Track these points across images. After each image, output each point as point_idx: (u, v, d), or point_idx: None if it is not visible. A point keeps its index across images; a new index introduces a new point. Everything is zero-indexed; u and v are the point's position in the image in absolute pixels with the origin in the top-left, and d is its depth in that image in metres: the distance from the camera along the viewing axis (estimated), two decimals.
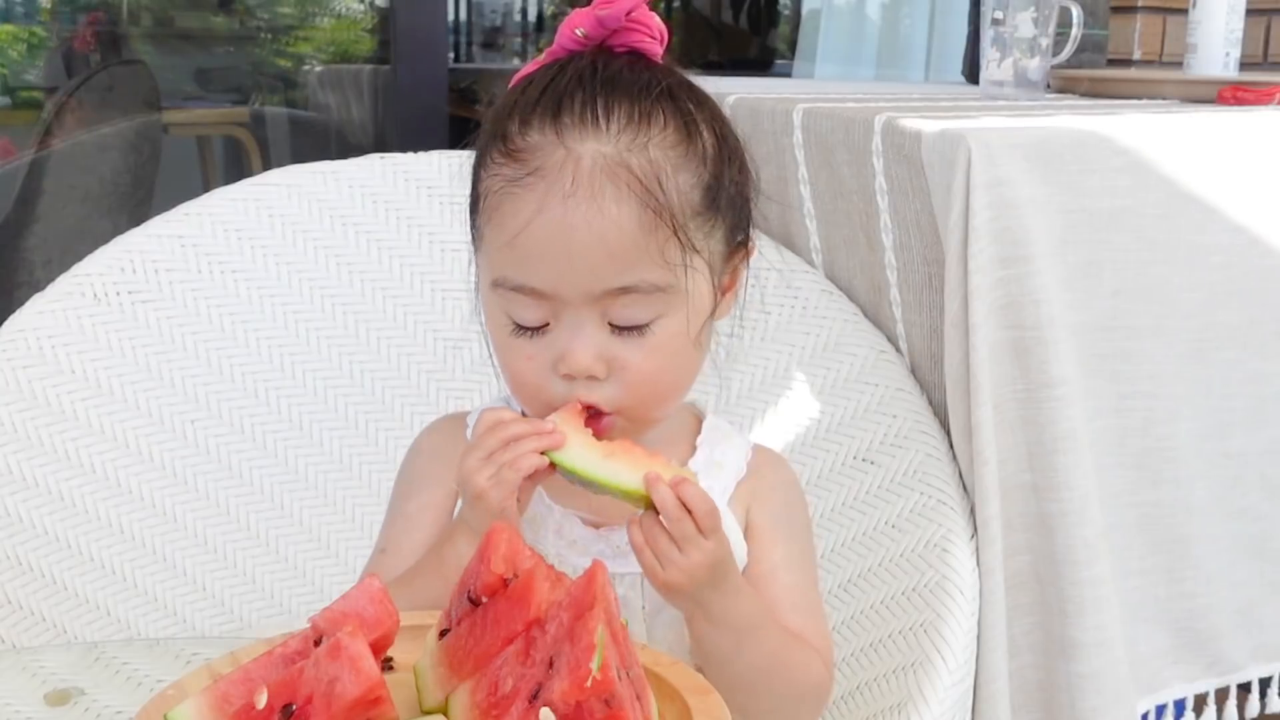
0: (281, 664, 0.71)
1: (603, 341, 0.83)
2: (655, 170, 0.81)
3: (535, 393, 0.85)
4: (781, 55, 4.04)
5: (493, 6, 4.81)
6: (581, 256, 0.80)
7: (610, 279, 0.81)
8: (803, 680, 0.89)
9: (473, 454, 0.83)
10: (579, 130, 0.81)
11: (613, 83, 0.83)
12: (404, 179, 1.38)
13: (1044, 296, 1.12)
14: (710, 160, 0.85)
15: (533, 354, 0.84)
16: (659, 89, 0.84)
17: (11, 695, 0.92)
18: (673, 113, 0.84)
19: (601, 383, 0.83)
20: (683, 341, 0.85)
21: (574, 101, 0.82)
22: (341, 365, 1.35)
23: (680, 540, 0.79)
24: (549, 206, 0.80)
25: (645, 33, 0.86)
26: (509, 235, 0.82)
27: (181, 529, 1.26)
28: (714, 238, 0.86)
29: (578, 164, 0.80)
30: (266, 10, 3.28)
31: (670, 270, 0.82)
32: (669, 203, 0.81)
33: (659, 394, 0.86)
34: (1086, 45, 1.91)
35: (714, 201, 0.85)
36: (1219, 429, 1.29)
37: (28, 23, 2.94)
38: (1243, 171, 1.26)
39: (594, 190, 0.80)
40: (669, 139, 0.83)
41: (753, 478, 0.94)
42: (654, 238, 0.81)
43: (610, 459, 0.82)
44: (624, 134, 0.81)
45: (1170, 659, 1.29)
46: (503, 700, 0.68)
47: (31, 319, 1.22)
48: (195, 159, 3.11)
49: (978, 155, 1.09)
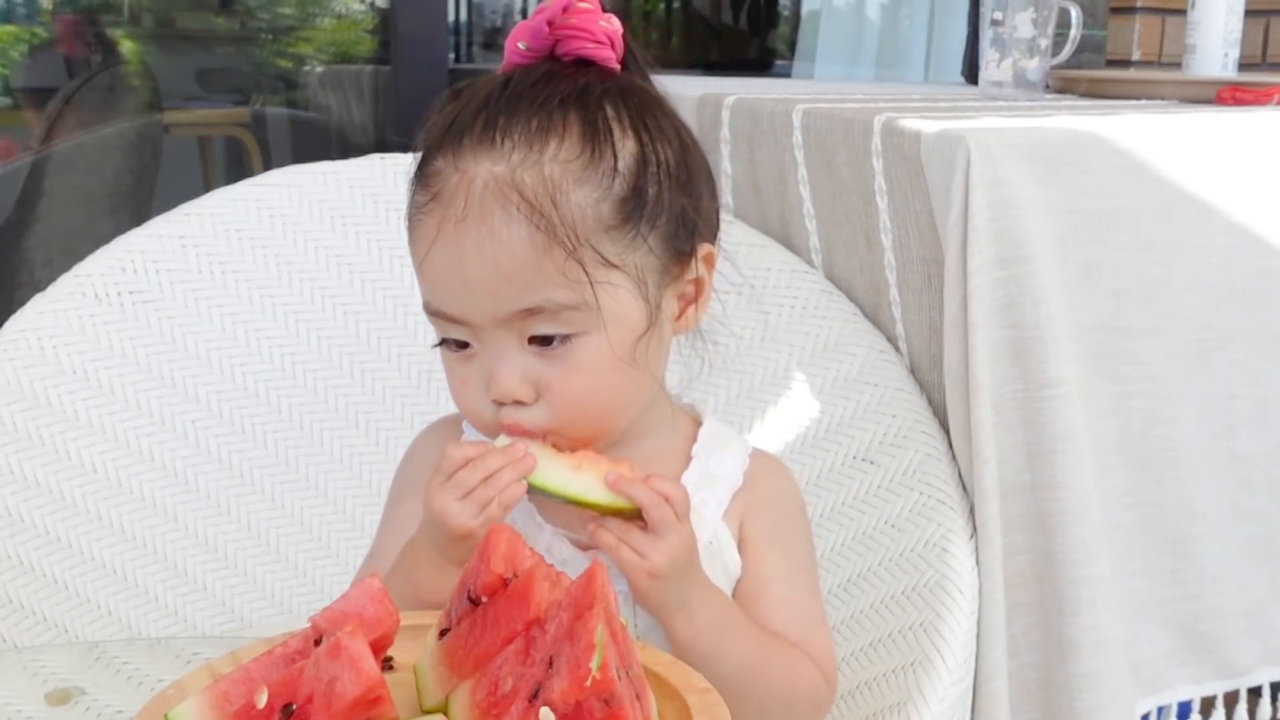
0: (282, 663, 0.71)
1: (525, 364, 0.81)
2: (549, 188, 0.78)
3: (476, 415, 0.85)
4: (781, 55, 4.03)
5: (493, 6, 4.81)
6: (478, 281, 0.79)
7: (511, 302, 0.79)
8: (790, 684, 0.87)
9: (448, 492, 0.81)
10: (474, 151, 0.80)
11: (519, 97, 0.81)
12: (404, 179, 1.36)
13: (1043, 297, 1.12)
14: (625, 171, 0.81)
15: (466, 377, 0.84)
16: (568, 96, 0.81)
17: (12, 695, 0.92)
18: (578, 123, 0.81)
19: (529, 406, 0.82)
20: (608, 360, 0.81)
21: (475, 122, 0.81)
22: (341, 365, 1.35)
23: (659, 525, 0.79)
24: (444, 232, 0.80)
25: (586, 38, 0.83)
26: (418, 260, 0.83)
27: (182, 529, 1.26)
28: (638, 250, 0.81)
29: (469, 187, 0.79)
30: (267, 11, 3.28)
31: (576, 289, 0.79)
32: (565, 219, 0.78)
33: (590, 415, 0.83)
34: (1085, 46, 1.91)
35: (632, 213, 0.81)
36: (1223, 430, 1.29)
37: (28, 23, 2.94)
38: (1242, 172, 1.27)
39: (483, 213, 0.78)
40: (568, 152, 0.80)
41: (749, 488, 0.91)
42: (549, 257, 0.78)
43: (579, 472, 0.81)
44: (517, 150, 0.79)
45: (1175, 660, 1.29)
46: (503, 700, 0.68)
47: (32, 319, 1.22)
48: (196, 159, 3.11)
49: (977, 156, 1.09)
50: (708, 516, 0.89)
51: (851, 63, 3.12)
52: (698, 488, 0.89)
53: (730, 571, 0.90)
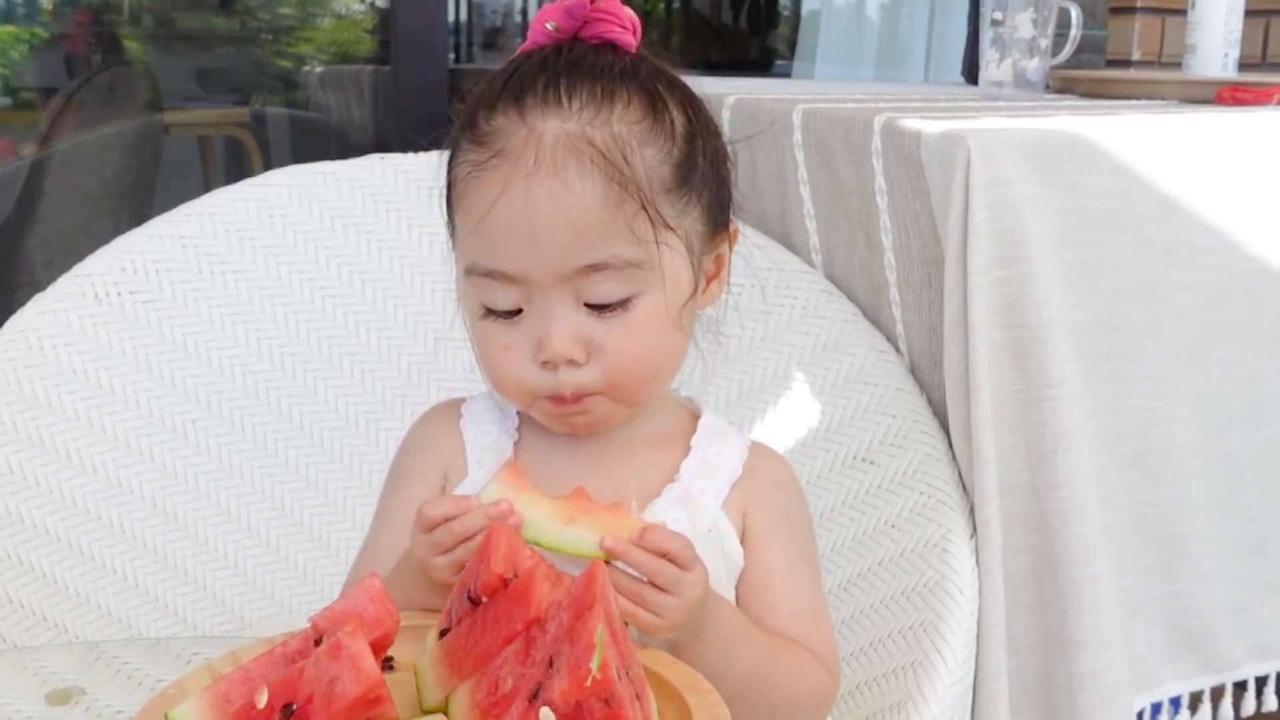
0: (282, 663, 0.71)
1: (580, 324, 0.82)
2: (619, 144, 0.80)
3: (516, 383, 0.84)
4: (781, 56, 4.03)
5: (493, 7, 4.81)
6: (548, 234, 0.79)
7: (578, 256, 0.80)
8: (798, 686, 0.87)
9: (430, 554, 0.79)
10: (541, 109, 0.81)
11: (575, 64, 0.83)
12: (404, 179, 1.38)
13: (1043, 297, 1.12)
14: (680, 137, 0.84)
15: (510, 343, 0.83)
16: (621, 67, 0.83)
17: (13, 695, 0.92)
18: (637, 90, 0.83)
19: (582, 367, 0.82)
20: (662, 321, 0.83)
21: (536, 83, 0.82)
22: (341, 365, 1.35)
23: (669, 585, 0.77)
24: (512, 186, 0.80)
25: (614, 22, 0.85)
26: (476, 219, 0.82)
27: (182, 529, 1.26)
28: (689, 216, 0.84)
29: (540, 142, 0.80)
30: (267, 11, 3.28)
31: (642, 246, 0.80)
32: (635, 176, 0.80)
33: (642, 376, 0.84)
34: (1085, 46, 1.91)
35: (687, 178, 0.84)
36: (1216, 428, 1.29)
37: (28, 23, 2.94)
38: (1241, 172, 1.27)
39: (557, 166, 0.79)
40: (633, 114, 0.82)
41: (748, 479, 0.92)
42: (621, 212, 0.80)
43: (572, 524, 0.78)
44: (586, 110, 0.81)
45: (1166, 657, 1.29)
46: (503, 700, 0.68)
47: (32, 319, 1.22)
48: (196, 159, 3.11)
49: (977, 156, 1.09)
50: (706, 505, 0.89)
51: (851, 63, 3.12)
52: (696, 476, 0.90)
53: (732, 560, 0.89)
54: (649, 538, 0.76)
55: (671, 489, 0.89)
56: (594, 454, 0.90)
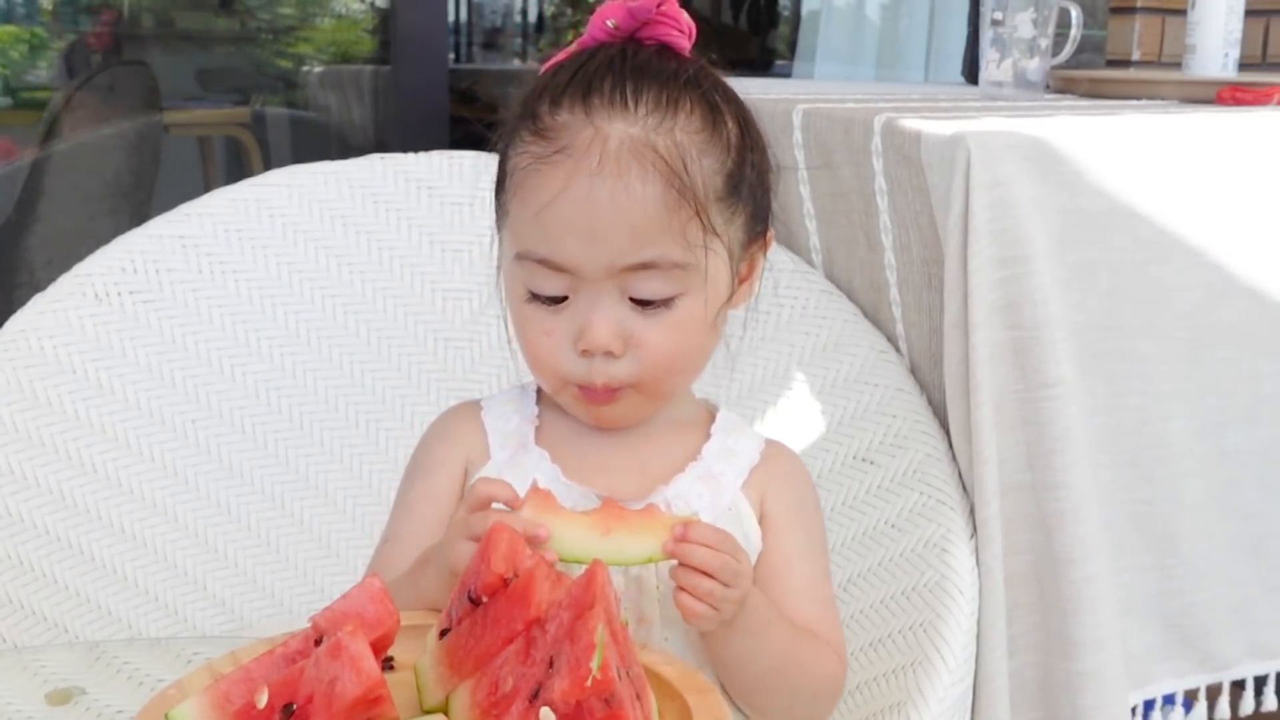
0: (282, 663, 0.71)
1: (621, 317, 0.85)
2: (680, 152, 0.83)
3: (551, 367, 0.87)
4: (781, 55, 4.03)
5: (493, 6, 4.82)
6: (605, 232, 0.82)
7: (631, 254, 0.83)
8: (816, 674, 0.90)
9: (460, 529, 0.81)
10: (607, 111, 0.83)
11: (642, 69, 0.86)
12: (404, 179, 1.38)
13: (1043, 297, 1.12)
14: (734, 148, 0.87)
15: (551, 329, 0.86)
16: (686, 77, 0.86)
17: (13, 695, 0.92)
18: (699, 100, 0.86)
19: (618, 360, 0.85)
20: (700, 322, 0.87)
21: (603, 84, 0.84)
22: (341, 365, 1.35)
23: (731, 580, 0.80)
24: (575, 182, 0.82)
25: (674, 26, 0.88)
26: (535, 209, 0.84)
27: (182, 529, 1.26)
28: (734, 224, 0.88)
29: (605, 142, 0.82)
30: (267, 11, 3.28)
31: (690, 250, 0.84)
32: (693, 184, 0.83)
33: (673, 372, 0.88)
34: (1085, 46, 1.91)
35: (736, 188, 0.87)
36: (1214, 428, 1.29)
37: (29, 23, 2.94)
38: (1241, 172, 1.27)
39: (620, 168, 0.82)
40: (694, 124, 0.85)
41: (766, 465, 0.95)
42: (676, 217, 0.83)
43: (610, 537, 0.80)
44: (651, 116, 0.83)
45: (1161, 655, 1.29)
46: (503, 700, 0.68)
47: (32, 319, 1.22)
48: (196, 159, 3.11)
49: (977, 156, 1.10)
50: (726, 485, 0.93)
51: (851, 63, 3.11)
52: (717, 459, 0.93)
53: (751, 540, 0.92)
54: (694, 531, 0.80)
55: (694, 467, 0.93)
56: (617, 436, 0.93)
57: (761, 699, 0.89)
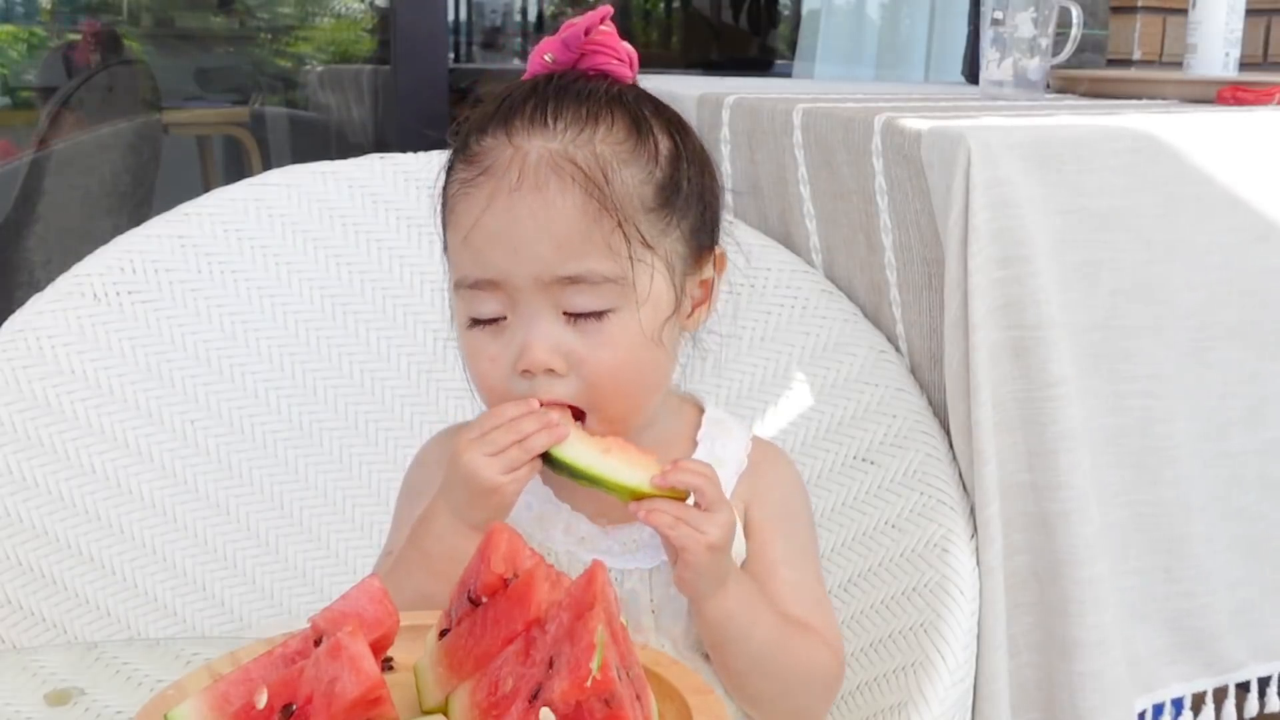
0: (282, 664, 0.71)
1: (559, 334, 0.85)
2: (600, 163, 0.84)
3: (501, 394, 0.87)
4: (781, 55, 4.04)
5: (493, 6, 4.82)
6: (527, 244, 0.83)
7: (557, 267, 0.83)
8: (808, 662, 0.90)
9: (479, 447, 0.84)
10: (527, 130, 0.85)
11: (564, 90, 0.87)
12: (404, 179, 1.38)
13: (1044, 296, 1.12)
14: (664, 160, 0.87)
15: (495, 354, 0.86)
16: (610, 93, 0.88)
17: (12, 695, 0.92)
18: (622, 113, 0.87)
19: (562, 378, 0.85)
20: (638, 337, 0.86)
21: (525, 106, 0.86)
22: (341, 365, 1.35)
23: (712, 504, 0.83)
24: (496, 200, 0.83)
25: (611, 55, 0.89)
26: (464, 232, 0.85)
27: (181, 529, 1.26)
28: (670, 236, 0.87)
29: (524, 159, 0.84)
30: (266, 10, 3.29)
31: (618, 262, 0.84)
32: (614, 194, 0.83)
33: (620, 392, 0.87)
34: (1086, 45, 1.91)
35: (669, 200, 0.87)
36: (1217, 428, 1.29)
37: (28, 23, 2.94)
38: (1242, 171, 1.26)
39: (539, 182, 0.83)
40: (617, 136, 0.85)
41: (752, 473, 0.95)
42: (598, 227, 0.83)
43: (608, 455, 0.84)
44: (569, 130, 0.84)
45: (1167, 658, 1.29)
46: (503, 700, 0.68)
47: (31, 319, 1.22)
48: (195, 159, 3.11)
49: (977, 155, 1.09)
50: None
51: (852, 62, 3.12)
52: None
53: (737, 552, 0.92)
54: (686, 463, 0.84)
55: None
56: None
57: (755, 685, 0.90)
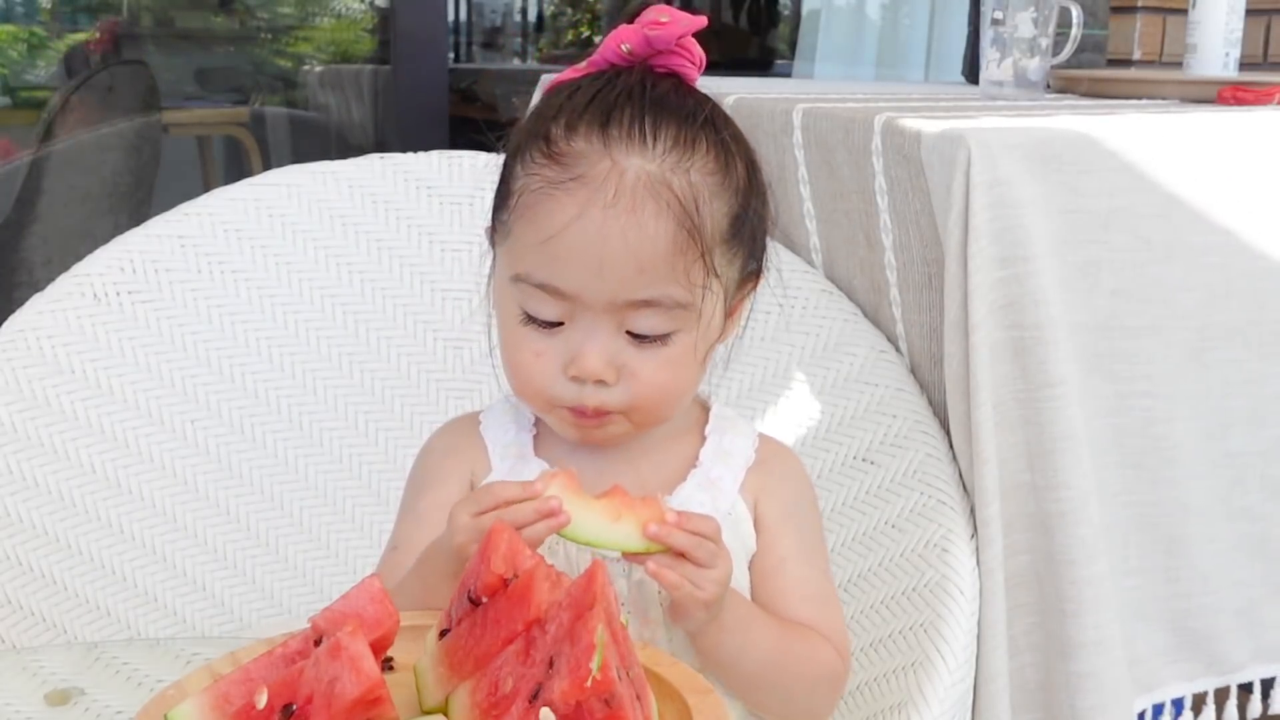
0: (282, 664, 0.71)
1: (616, 348, 0.85)
2: (694, 193, 0.84)
3: (540, 389, 0.87)
4: (781, 55, 4.03)
5: (493, 6, 4.82)
6: (613, 266, 0.82)
7: (636, 291, 0.83)
8: (809, 668, 0.91)
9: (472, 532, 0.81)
10: (626, 144, 0.83)
11: (660, 104, 0.86)
12: (404, 179, 1.38)
13: (1044, 296, 1.12)
14: (741, 192, 0.88)
15: (542, 350, 0.86)
16: (704, 117, 0.87)
17: (12, 695, 0.92)
18: (713, 142, 0.86)
19: (609, 388, 0.86)
20: (690, 358, 0.87)
21: (623, 115, 0.84)
22: (341, 365, 1.35)
23: (706, 560, 0.81)
24: (589, 213, 0.82)
25: (687, 58, 0.89)
26: (543, 235, 0.83)
27: (181, 529, 1.26)
28: (733, 266, 0.89)
29: (622, 176, 0.82)
30: (267, 10, 3.29)
31: (691, 290, 0.84)
32: (702, 226, 0.84)
33: (662, 404, 0.89)
34: (1086, 45, 1.91)
35: (739, 232, 0.88)
36: (1218, 429, 1.29)
37: (28, 23, 2.94)
38: (1242, 172, 1.26)
39: (635, 204, 0.82)
40: (709, 165, 0.85)
41: (761, 467, 0.96)
42: (683, 257, 0.83)
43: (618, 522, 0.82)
44: (669, 155, 0.84)
45: (1168, 658, 1.29)
46: (503, 700, 0.68)
47: (31, 319, 1.22)
48: (195, 159, 3.11)
49: (977, 155, 1.09)
50: (725, 489, 0.94)
51: (852, 63, 3.12)
52: (714, 462, 0.94)
53: (747, 545, 0.93)
54: (684, 520, 0.81)
55: (695, 474, 0.94)
56: (616, 448, 0.93)
57: (757, 696, 0.91)
